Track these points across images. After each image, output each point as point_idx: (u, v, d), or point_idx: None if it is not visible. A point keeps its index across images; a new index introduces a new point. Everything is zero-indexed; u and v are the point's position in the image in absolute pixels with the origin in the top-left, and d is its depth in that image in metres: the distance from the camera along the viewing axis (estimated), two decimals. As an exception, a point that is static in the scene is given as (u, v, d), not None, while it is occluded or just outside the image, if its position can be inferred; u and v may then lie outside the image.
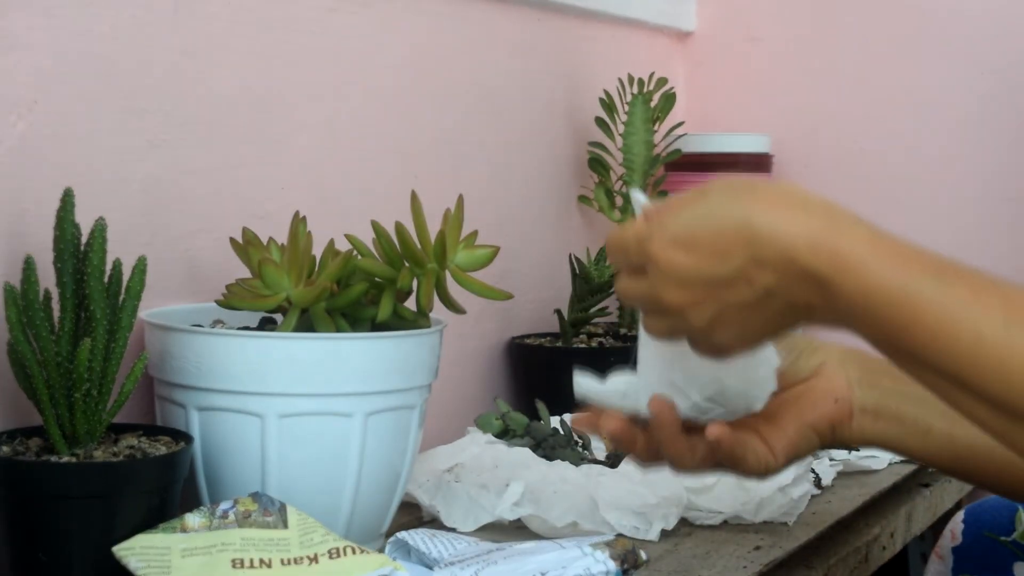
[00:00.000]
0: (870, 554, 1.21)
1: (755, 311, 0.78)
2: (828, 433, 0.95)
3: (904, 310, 0.74)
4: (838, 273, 0.74)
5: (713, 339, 0.80)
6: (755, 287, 0.76)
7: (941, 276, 0.74)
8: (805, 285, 0.75)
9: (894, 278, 0.74)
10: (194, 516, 0.89)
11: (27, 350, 0.89)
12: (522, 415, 1.31)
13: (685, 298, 0.78)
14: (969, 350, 0.73)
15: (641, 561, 0.94)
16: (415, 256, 1.02)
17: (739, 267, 0.76)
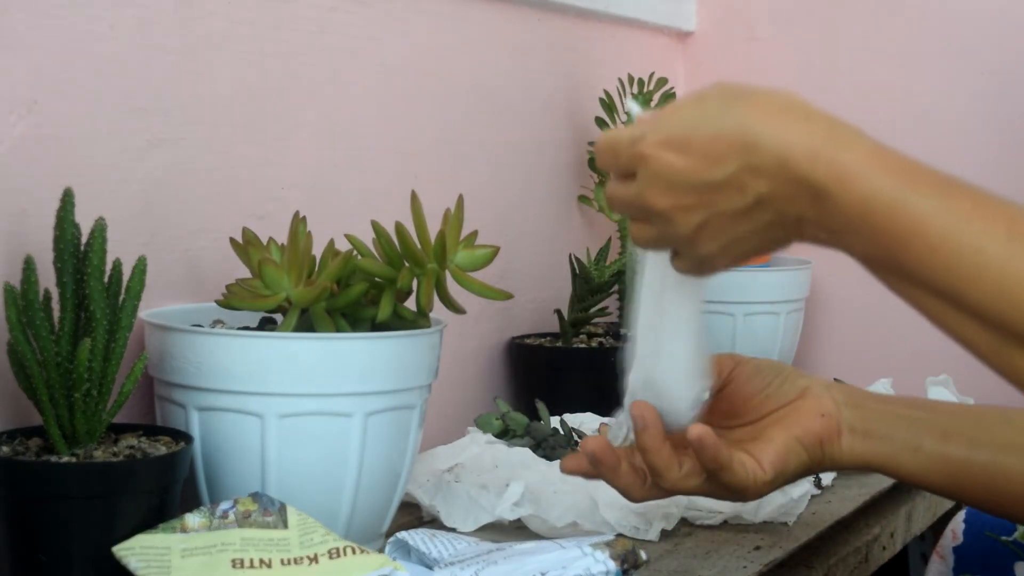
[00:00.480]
0: (870, 554, 1.21)
1: (744, 221, 0.76)
2: (817, 449, 0.94)
3: (904, 222, 0.72)
4: (836, 183, 0.73)
5: (698, 249, 0.78)
6: (747, 195, 0.74)
7: (944, 190, 0.73)
8: (800, 195, 0.73)
9: (895, 189, 0.73)
10: (194, 516, 0.89)
11: (27, 350, 0.89)
12: (522, 415, 1.31)
13: (673, 202, 0.76)
14: (969, 265, 0.71)
15: (641, 561, 0.94)
16: (415, 256, 1.02)
17: (732, 173, 0.74)
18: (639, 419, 0.90)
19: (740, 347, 1.67)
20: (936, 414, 0.97)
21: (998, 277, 0.71)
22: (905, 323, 1.81)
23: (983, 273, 0.71)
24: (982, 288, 0.72)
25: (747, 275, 1.68)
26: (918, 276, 0.73)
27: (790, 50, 1.87)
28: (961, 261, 0.72)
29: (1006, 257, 0.71)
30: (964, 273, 0.72)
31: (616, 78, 1.62)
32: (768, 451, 0.92)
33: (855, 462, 0.95)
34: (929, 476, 0.95)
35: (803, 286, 1.73)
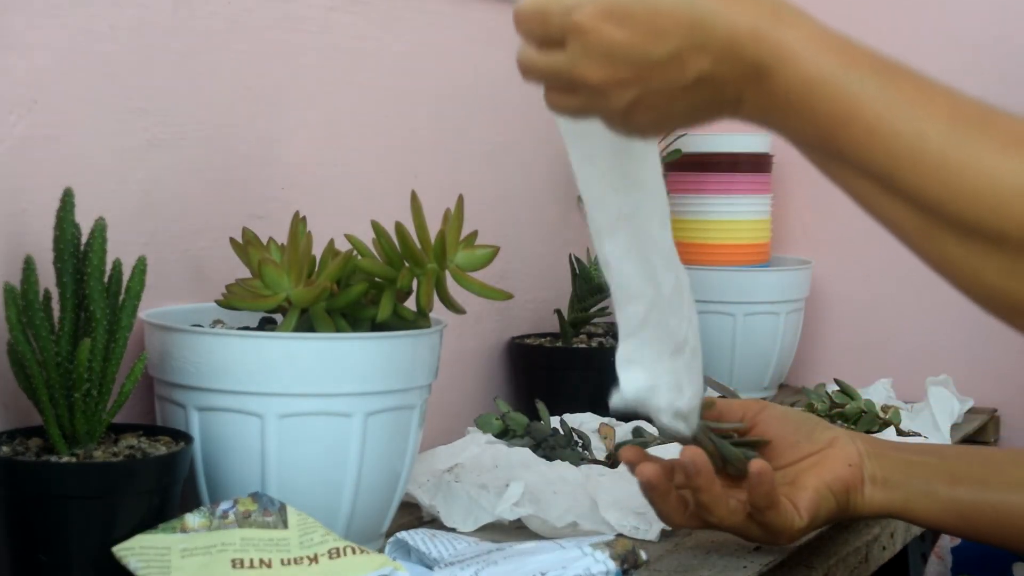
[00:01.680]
0: (870, 554, 1.21)
1: (681, 98, 0.74)
2: (844, 497, 0.99)
3: (844, 104, 0.71)
4: (779, 62, 0.72)
5: (630, 122, 0.77)
6: (687, 73, 0.73)
7: (887, 73, 0.73)
8: (742, 75, 0.73)
9: (838, 71, 0.72)
10: (194, 516, 0.89)
11: (27, 350, 0.89)
12: (522, 415, 1.31)
13: (608, 76, 0.74)
14: (907, 148, 0.71)
15: (641, 561, 0.94)
16: (415, 256, 1.02)
17: (674, 50, 0.72)
18: (691, 464, 0.94)
19: (740, 347, 1.68)
20: (946, 459, 1.00)
21: (937, 161, 0.71)
22: (905, 323, 1.82)
23: (921, 157, 0.71)
24: (919, 172, 0.71)
25: (747, 275, 1.68)
26: (854, 158, 0.72)
27: (790, 50, 1.87)
28: (899, 144, 0.71)
29: (945, 142, 0.71)
30: (902, 156, 0.71)
31: (616, 78, 1.62)
32: (803, 497, 0.97)
33: (874, 511, 1.01)
34: (943, 520, 0.99)
35: (803, 286, 1.73)
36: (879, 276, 1.81)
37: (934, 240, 0.73)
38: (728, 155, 1.71)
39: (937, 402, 1.55)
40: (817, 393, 1.53)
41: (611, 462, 1.26)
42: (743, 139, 1.72)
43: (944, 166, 0.71)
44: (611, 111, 0.76)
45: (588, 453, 1.29)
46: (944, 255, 0.74)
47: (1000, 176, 0.70)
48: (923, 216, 0.73)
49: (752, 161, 1.72)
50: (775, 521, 0.96)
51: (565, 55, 0.76)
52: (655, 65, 0.73)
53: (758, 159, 1.73)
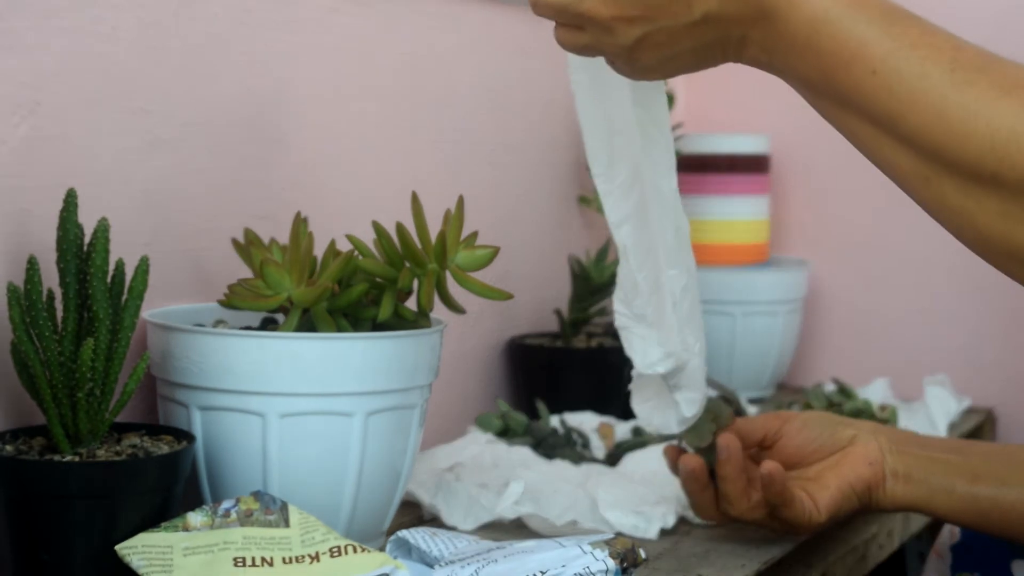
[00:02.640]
0: (868, 553, 1.22)
1: (686, 37, 0.76)
2: (865, 494, 1.02)
3: (848, 44, 0.72)
4: (786, 3, 0.72)
5: (635, 60, 0.78)
6: (693, 11, 0.74)
7: (891, 16, 0.73)
8: (747, 14, 0.73)
9: (844, 12, 0.72)
10: (196, 515, 0.90)
11: (30, 350, 0.89)
12: (522, 415, 1.32)
13: (615, 12, 0.75)
14: (909, 90, 0.71)
15: (640, 560, 0.95)
16: (416, 256, 1.02)
17: None
18: (724, 449, 0.98)
19: (739, 347, 1.68)
20: (969, 456, 1.03)
21: (938, 104, 0.71)
22: (903, 323, 1.82)
23: (922, 99, 0.71)
24: (920, 114, 0.71)
25: (745, 275, 1.69)
26: (856, 100, 0.73)
27: (789, 50, 1.87)
28: (901, 85, 0.71)
29: (946, 85, 0.71)
30: (903, 98, 0.72)
31: (615, 79, 1.62)
32: (824, 496, 1.00)
33: (896, 505, 1.04)
34: (962, 516, 1.02)
35: (802, 286, 1.74)
36: (877, 276, 1.82)
37: (932, 184, 0.73)
38: (726, 156, 1.71)
39: (934, 401, 1.56)
40: (815, 393, 1.54)
41: (611, 461, 1.27)
42: (742, 140, 1.73)
43: (944, 108, 0.71)
44: (617, 48, 0.77)
45: (588, 452, 1.29)
46: (942, 200, 0.74)
47: (998, 119, 0.70)
48: (922, 160, 0.73)
49: (750, 162, 1.73)
50: (792, 517, 1.00)
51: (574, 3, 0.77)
52: (661, 3, 0.74)
53: (756, 160, 1.73)
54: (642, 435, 1.34)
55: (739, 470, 0.99)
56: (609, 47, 0.78)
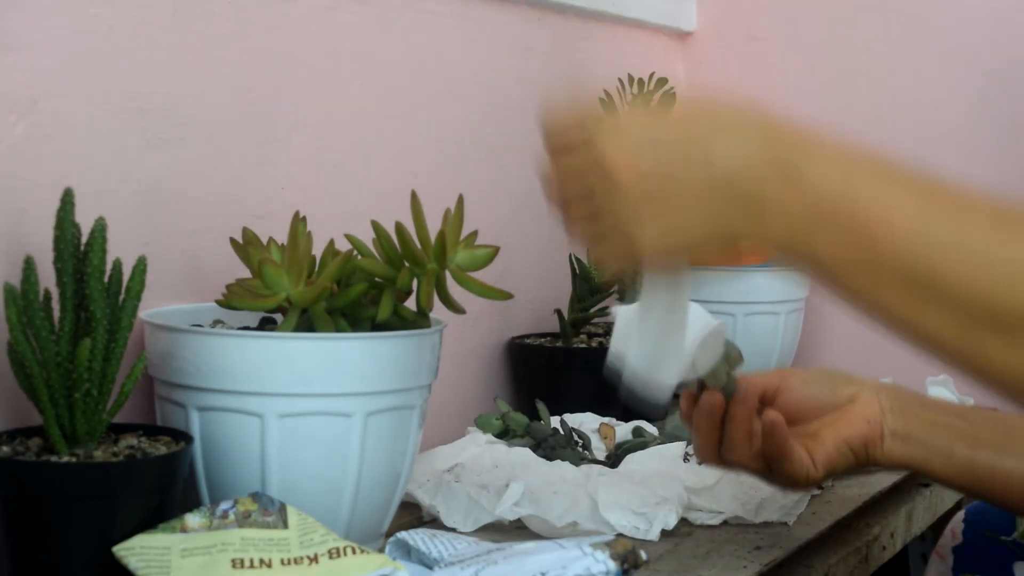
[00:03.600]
0: (870, 554, 1.21)
1: (700, 197, 0.73)
2: (862, 451, 1.02)
3: (880, 205, 0.72)
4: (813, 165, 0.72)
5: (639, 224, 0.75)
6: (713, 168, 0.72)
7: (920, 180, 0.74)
8: (770, 175, 0.72)
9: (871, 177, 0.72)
10: (194, 516, 0.89)
11: (27, 350, 0.89)
12: (522, 415, 1.31)
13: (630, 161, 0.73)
14: (948, 249, 0.71)
15: (641, 561, 0.94)
16: (415, 256, 1.02)
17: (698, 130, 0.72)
18: (741, 388, 0.99)
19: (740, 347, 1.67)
20: (972, 423, 1.03)
21: (979, 259, 0.71)
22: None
23: (963, 256, 0.71)
24: (960, 271, 0.71)
25: (747, 275, 1.68)
26: (889, 266, 0.73)
27: (790, 50, 1.87)
28: (939, 248, 0.71)
29: (988, 241, 0.72)
30: (941, 258, 0.71)
31: (616, 78, 1.62)
32: (820, 452, 1.01)
33: (893, 463, 1.04)
34: (958, 479, 1.02)
35: (803, 286, 1.73)
36: (879, 276, 1.81)
37: (975, 342, 0.73)
38: (728, 155, 1.71)
39: (937, 402, 1.55)
40: (817, 393, 1.53)
41: (611, 462, 1.26)
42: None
43: (987, 263, 0.71)
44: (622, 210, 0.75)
45: (588, 453, 1.29)
46: (987, 356, 0.74)
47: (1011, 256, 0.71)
48: (962, 319, 0.73)
49: (752, 161, 1.72)
50: (790, 472, 1.00)
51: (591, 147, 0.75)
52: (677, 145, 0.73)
53: (758, 159, 1.73)
54: (643, 435, 1.33)
55: (750, 413, 1.00)
56: (615, 213, 0.75)
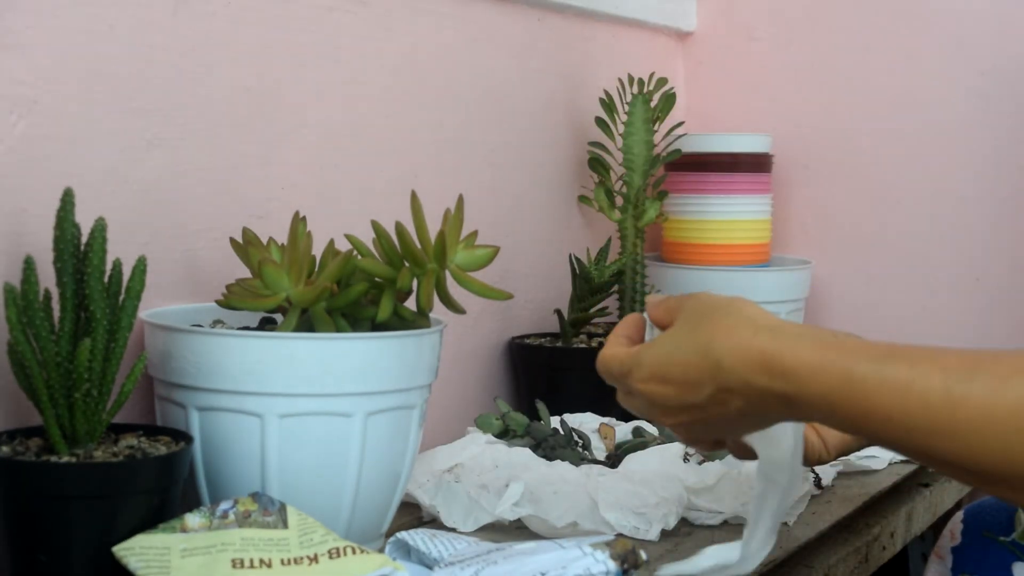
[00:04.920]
0: (870, 554, 1.21)
1: (736, 423, 0.85)
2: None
3: (860, 402, 0.77)
4: (796, 391, 0.79)
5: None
6: (729, 408, 0.83)
7: (883, 360, 0.77)
8: (771, 403, 0.81)
9: (843, 378, 0.78)
10: (194, 516, 0.89)
11: (27, 350, 0.89)
12: (522, 415, 1.31)
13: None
14: (922, 422, 0.75)
15: (641, 561, 0.94)
16: (415, 256, 1.02)
17: (711, 395, 0.82)
18: None
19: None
20: None
21: (950, 427, 0.74)
22: (904, 323, 1.82)
23: (936, 427, 0.74)
24: (942, 441, 0.75)
25: (747, 275, 1.68)
26: (892, 444, 0.78)
27: (790, 50, 1.87)
28: (913, 422, 0.75)
29: (948, 404, 0.74)
30: (921, 432, 0.75)
31: (616, 78, 1.62)
32: (833, 436, 1.07)
33: None
34: None
35: (803, 286, 1.73)
36: (879, 276, 1.81)
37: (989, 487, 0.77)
38: (728, 155, 1.71)
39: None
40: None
41: (611, 462, 1.26)
42: (743, 139, 1.73)
43: (955, 427, 0.74)
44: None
45: (588, 453, 1.29)
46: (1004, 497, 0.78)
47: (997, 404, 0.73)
48: (970, 477, 0.76)
49: (752, 161, 1.72)
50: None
51: (639, 402, 0.88)
52: (702, 407, 0.84)
53: (758, 159, 1.73)
54: (643, 436, 1.33)
55: None
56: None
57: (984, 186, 1.74)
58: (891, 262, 1.80)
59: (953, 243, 1.76)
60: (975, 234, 1.74)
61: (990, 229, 1.74)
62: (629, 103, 1.61)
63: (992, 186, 1.73)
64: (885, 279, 1.81)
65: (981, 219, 1.74)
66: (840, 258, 1.84)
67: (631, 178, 1.61)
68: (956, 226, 1.75)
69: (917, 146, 1.78)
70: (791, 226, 1.87)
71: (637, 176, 1.61)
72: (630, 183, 1.61)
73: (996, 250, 1.73)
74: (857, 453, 1.36)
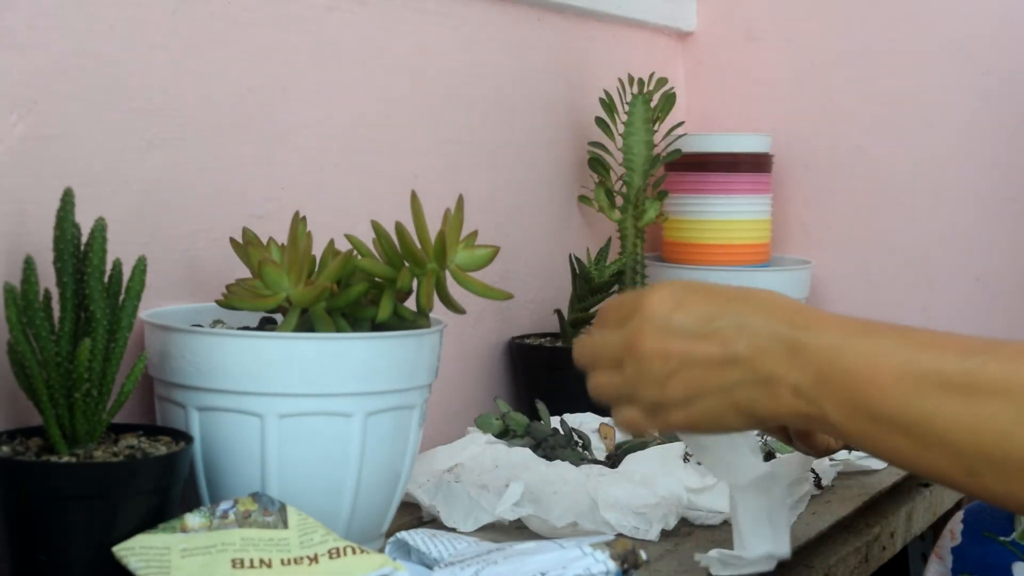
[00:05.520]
0: (870, 554, 1.21)
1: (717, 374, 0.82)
2: None
3: (868, 358, 0.78)
4: (808, 334, 0.80)
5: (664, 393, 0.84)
6: (727, 348, 0.82)
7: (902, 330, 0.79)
8: (775, 349, 0.81)
9: (858, 333, 0.79)
10: (194, 516, 0.89)
11: (27, 350, 0.89)
12: (522, 415, 1.31)
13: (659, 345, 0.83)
14: (935, 383, 0.75)
15: (641, 561, 0.94)
16: (415, 256, 1.01)
17: (721, 327, 0.82)
18: None
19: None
20: None
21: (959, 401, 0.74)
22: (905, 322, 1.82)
23: (943, 400, 0.75)
24: (945, 411, 0.75)
25: (747, 275, 1.68)
26: (887, 411, 0.77)
27: (790, 50, 1.87)
28: (925, 383, 0.76)
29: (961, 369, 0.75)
30: (929, 394, 0.75)
31: (616, 78, 1.62)
32: None
33: None
34: None
35: (803, 286, 1.73)
36: (879, 276, 1.81)
37: (976, 479, 0.76)
38: (728, 155, 1.71)
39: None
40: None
41: (611, 462, 1.26)
42: (743, 139, 1.73)
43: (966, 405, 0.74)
44: (649, 379, 0.84)
45: (588, 453, 1.29)
46: (989, 491, 0.77)
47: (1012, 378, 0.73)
48: (960, 458, 0.75)
49: (752, 161, 1.72)
50: (810, 444, 1.03)
51: (622, 330, 0.85)
52: (700, 339, 0.82)
53: (758, 159, 1.73)
54: (643, 436, 1.33)
55: None
56: (643, 385, 0.85)
57: (985, 186, 1.74)
58: (891, 262, 1.80)
59: (953, 243, 1.76)
60: (975, 234, 1.74)
61: (990, 229, 1.74)
62: (629, 103, 1.61)
63: (993, 186, 1.73)
64: (885, 279, 1.81)
65: (981, 219, 1.74)
66: (840, 258, 1.84)
67: (631, 178, 1.61)
68: (956, 226, 1.75)
69: (918, 146, 1.78)
70: (791, 226, 1.87)
71: (637, 176, 1.61)
72: (630, 183, 1.61)
73: (996, 250, 1.73)
74: (857, 452, 1.36)
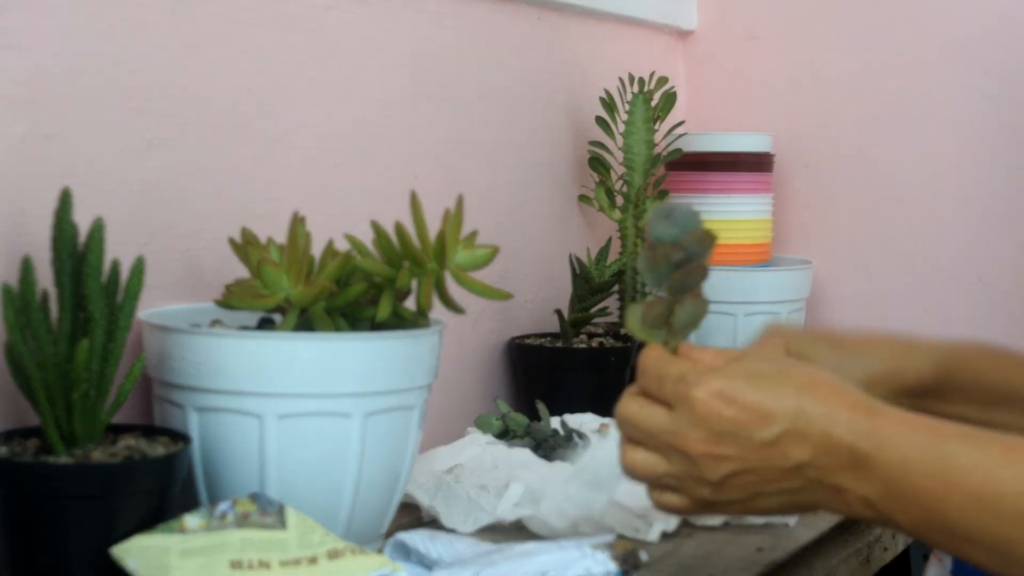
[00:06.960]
0: (871, 555, 1.21)
1: (778, 480, 0.77)
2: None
3: (942, 476, 0.73)
4: (876, 448, 0.74)
5: (719, 494, 0.78)
6: (789, 459, 0.76)
7: (974, 440, 0.74)
8: (841, 463, 0.75)
9: (929, 446, 0.74)
10: (193, 517, 0.89)
11: (25, 351, 0.89)
12: (522, 415, 1.31)
13: (710, 450, 0.77)
14: (1014, 508, 0.72)
15: (641, 562, 0.94)
16: (415, 256, 1.01)
17: (778, 435, 0.75)
18: None
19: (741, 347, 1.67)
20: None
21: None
22: (905, 323, 1.82)
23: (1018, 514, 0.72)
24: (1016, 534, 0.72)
25: (748, 275, 1.68)
26: (965, 530, 0.73)
27: (790, 49, 1.87)
28: (1004, 507, 0.72)
29: None
30: (1009, 519, 0.72)
31: (616, 77, 1.62)
32: None
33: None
34: None
35: (804, 286, 1.73)
36: (880, 276, 1.81)
37: None
38: (729, 154, 1.70)
39: (938, 402, 1.55)
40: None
41: (611, 462, 1.26)
42: (744, 138, 1.72)
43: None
44: (702, 483, 0.78)
45: (588, 453, 1.29)
46: None
47: None
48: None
49: (753, 160, 1.72)
50: None
51: (670, 420, 0.78)
52: (758, 447, 0.76)
53: (759, 158, 1.73)
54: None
55: None
56: (693, 482, 0.78)
57: (985, 186, 1.74)
58: (891, 262, 1.80)
59: (953, 243, 1.76)
60: (976, 234, 1.74)
61: (991, 229, 1.73)
62: (629, 102, 1.60)
63: (993, 186, 1.73)
64: (885, 279, 1.81)
65: (982, 219, 1.74)
66: (840, 258, 1.84)
67: (631, 177, 1.61)
68: (957, 226, 1.75)
69: (918, 146, 1.77)
70: (791, 226, 1.87)
71: (637, 175, 1.61)
72: (630, 182, 1.61)
73: (997, 250, 1.73)
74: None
